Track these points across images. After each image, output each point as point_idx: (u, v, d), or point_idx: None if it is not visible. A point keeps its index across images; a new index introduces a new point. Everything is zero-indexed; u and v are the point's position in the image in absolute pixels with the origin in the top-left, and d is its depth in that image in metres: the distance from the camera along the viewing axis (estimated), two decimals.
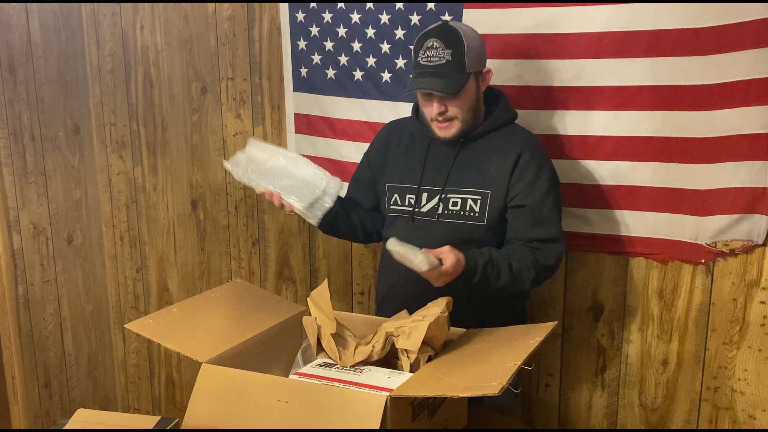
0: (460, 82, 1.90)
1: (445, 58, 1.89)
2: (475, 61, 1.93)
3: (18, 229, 2.88)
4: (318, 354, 1.82)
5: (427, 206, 2.03)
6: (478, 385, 1.48)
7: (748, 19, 1.93)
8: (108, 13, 2.93)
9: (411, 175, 2.07)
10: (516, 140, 2.01)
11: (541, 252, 1.96)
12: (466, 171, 2.01)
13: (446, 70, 1.89)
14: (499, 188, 1.97)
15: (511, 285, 1.93)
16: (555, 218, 1.99)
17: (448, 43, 1.89)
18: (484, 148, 2.01)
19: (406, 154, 2.10)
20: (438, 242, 1.94)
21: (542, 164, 1.99)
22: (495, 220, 1.99)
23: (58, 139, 2.98)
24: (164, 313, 1.97)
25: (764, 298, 2.10)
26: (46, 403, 3.05)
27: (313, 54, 2.53)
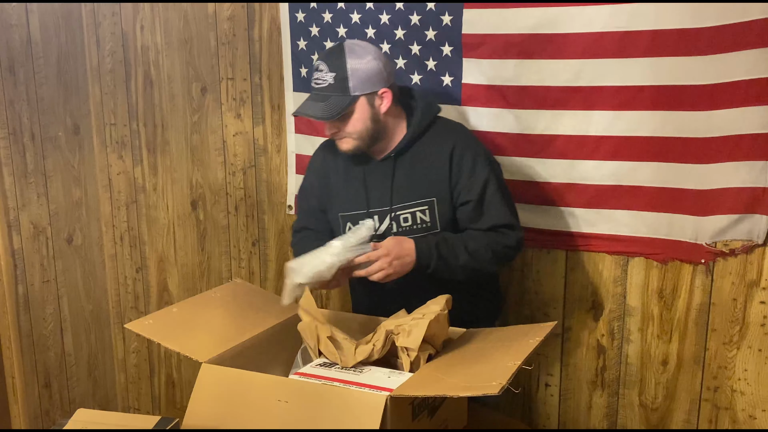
0: (341, 105, 1.91)
1: (327, 81, 1.91)
2: (364, 83, 1.92)
3: (18, 229, 2.88)
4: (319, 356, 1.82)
5: (381, 228, 2.02)
6: (478, 385, 1.48)
7: (748, 19, 1.93)
8: (108, 13, 2.93)
9: (357, 201, 2.05)
10: (445, 139, 2.01)
11: (495, 235, 1.98)
12: (406, 184, 2.00)
13: (328, 93, 1.92)
14: (442, 192, 1.98)
15: (471, 264, 1.95)
16: (500, 203, 1.99)
17: (332, 66, 1.91)
18: (417, 157, 2.01)
19: (346, 179, 2.08)
20: None
21: (475, 154, 1.99)
22: (448, 224, 2.00)
23: (58, 139, 2.98)
24: (164, 313, 1.97)
25: (764, 298, 2.10)
26: (46, 403, 3.05)
27: (313, 54, 2.53)
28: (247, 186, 2.82)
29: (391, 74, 1.99)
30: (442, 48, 2.31)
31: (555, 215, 2.30)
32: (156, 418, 1.71)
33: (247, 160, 2.79)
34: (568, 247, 2.32)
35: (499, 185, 2.00)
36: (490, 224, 1.98)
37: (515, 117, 2.26)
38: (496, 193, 1.99)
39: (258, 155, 2.77)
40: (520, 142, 2.27)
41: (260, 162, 2.77)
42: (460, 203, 1.99)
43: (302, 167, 2.66)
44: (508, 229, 2.00)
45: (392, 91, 1.97)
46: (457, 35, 2.27)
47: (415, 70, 2.37)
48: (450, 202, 1.99)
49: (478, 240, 1.97)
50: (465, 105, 2.32)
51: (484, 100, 2.29)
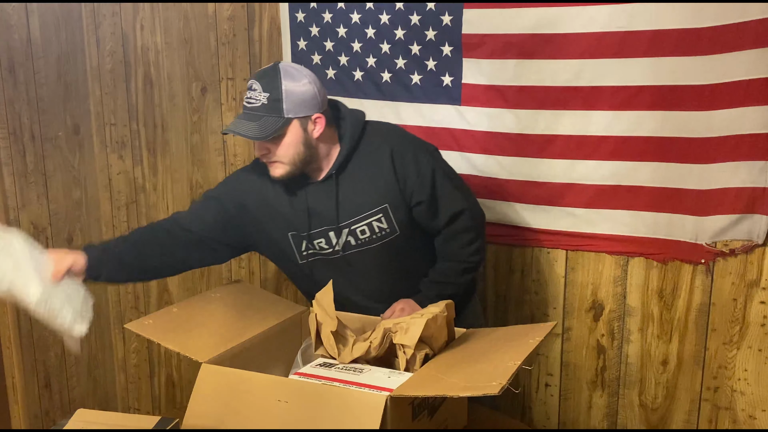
0: (274, 126, 1.86)
1: (261, 101, 1.87)
2: (298, 106, 1.87)
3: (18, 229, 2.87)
4: (317, 348, 1.82)
5: (340, 243, 2.00)
6: (478, 385, 1.48)
7: (748, 19, 1.93)
8: (108, 13, 2.93)
9: (301, 223, 2.00)
10: (380, 144, 1.98)
11: (457, 237, 2.01)
12: (354, 198, 1.97)
13: (260, 113, 1.87)
14: (393, 197, 1.96)
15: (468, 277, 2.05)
16: (450, 192, 1.99)
17: (266, 87, 1.87)
18: (358, 169, 1.97)
19: (290, 200, 2.01)
20: (369, 269, 2.01)
21: (414, 151, 1.98)
22: (406, 225, 1.99)
23: (58, 139, 2.98)
24: (164, 313, 1.97)
25: (764, 298, 2.10)
26: (46, 403, 3.05)
27: (313, 54, 2.53)
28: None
29: (325, 100, 1.93)
30: (442, 48, 2.31)
31: (555, 215, 2.30)
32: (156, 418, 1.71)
33: (248, 159, 2.79)
34: (568, 247, 2.32)
35: (444, 173, 2.00)
36: (447, 217, 1.99)
37: (515, 117, 2.26)
38: (445, 184, 1.98)
39: None
40: (520, 142, 2.27)
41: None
42: (414, 204, 1.97)
43: None
44: (465, 215, 2.01)
45: (325, 116, 1.92)
46: (457, 35, 2.27)
47: (415, 70, 2.37)
48: (403, 204, 1.97)
49: (458, 258, 2.03)
50: (465, 105, 2.32)
51: (484, 100, 2.29)
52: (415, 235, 2.03)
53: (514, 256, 2.41)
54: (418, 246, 2.05)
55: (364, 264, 2.01)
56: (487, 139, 2.31)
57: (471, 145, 2.34)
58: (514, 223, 2.36)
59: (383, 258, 2.01)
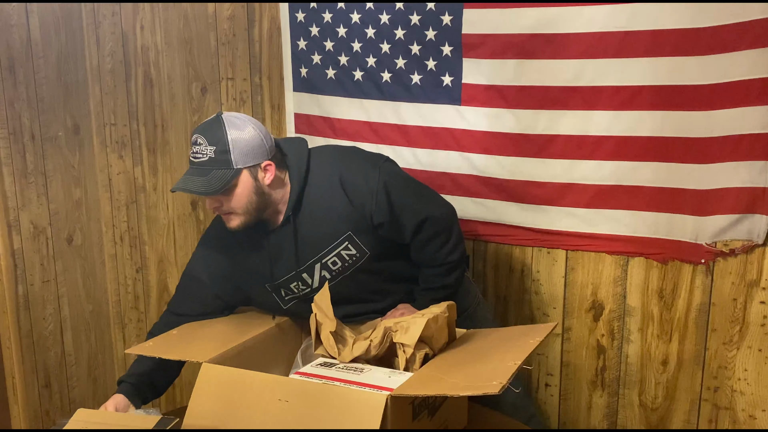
0: (223, 179, 1.82)
1: (208, 155, 1.82)
2: (246, 155, 1.83)
3: (18, 229, 2.88)
4: (317, 348, 1.82)
5: (315, 281, 1.97)
6: (479, 385, 1.48)
7: (747, 19, 1.93)
8: (108, 13, 2.93)
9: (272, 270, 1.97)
10: (328, 173, 1.93)
11: (428, 244, 1.98)
12: (315, 234, 1.93)
13: (208, 167, 1.82)
14: (354, 222, 1.92)
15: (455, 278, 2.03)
16: (410, 203, 1.95)
17: (211, 140, 1.82)
18: (313, 204, 1.93)
19: (255, 251, 1.98)
20: (351, 292, 1.99)
21: (363, 172, 1.92)
22: (375, 243, 1.96)
23: (58, 139, 2.98)
24: (164, 337, 1.93)
25: (764, 298, 2.10)
26: (46, 403, 3.05)
27: (313, 54, 2.53)
28: None
29: (272, 145, 1.89)
30: (442, 48, 2.31)
31: (555, 215, 2.30)
32: (156, 418, 1.71)
33: None
34: (568, 247, 2.32)
35: (397, 186, 1.94)
36: (412, 229, 1.95)
37: (515, 117, 2.26)
38: (401, 197, 1.94)
39: None
40: (520, 142, 2.27)
41: None
42: (377, 224, 1.93)
43: None
44: (429, 222, 1.96)
45: (275, 161, 1.88)
46: (457, 35, 2.27)
47: (415, 70, 2.37)
48: (366, 226, 1.93)
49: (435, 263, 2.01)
50: (465, 105, 2.32)
51: (484, 100, 2.29)
52: (388, 247, 2.00)
53: (514, 256, 2.41)
54: (396, 253, 2.03)
55: (345, 291, 1.97)
56: (487, 139, 2.31)
57: (471, 145, 2.34)
58: (514, 223, 2.36)
59: (364, 279, 1.99)
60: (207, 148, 1.82)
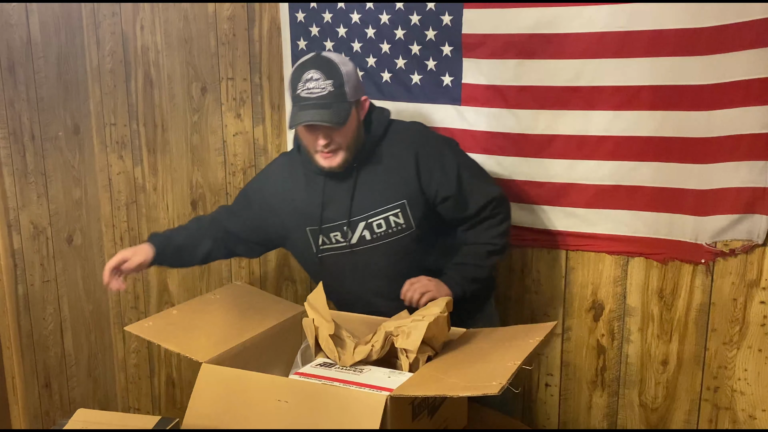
0: (345, 111, 1.86)
1: (327, 88, 1.84)
2: (354, 89, 1.90)
3: (18, 229, 2.87)
4: (317, 354, 1.82)
5: (355, 237, 2.00)
6: (478, 385, 1.48)
7: (748, 19, 1.93)
8: (108, 13, 2.93)
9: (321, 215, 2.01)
10: (404, 140, 2.00)
11: (484, 223, 2.02)
12: (372, 192, 1.98)
13: (329, 100, 1.84)
14: (412, 193, 1.97)
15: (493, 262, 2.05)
16: (478, 184, 2.02)
17: (328, 74, 1.85)
18: (379, 163, 1.98)
19: (308, 195, 2.03)
20: (378, 263, 2.02)
21: (439, 148, 2.00)
22: (423, 221, 2.00)
23: (58, 139, 2.98)
24: (164, 316, 1.97)
25: (764, 298, 2.10)
26: (46, 403, 3.05)
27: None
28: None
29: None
30: (442, 48, 2.31)
31: (555, 215, 2.30)
32: (156, 418, 1.71)
33: (247, 160, 2.79)
34: (568, 247, 2.32)
35: (469, 169, 2.02)
36: (476, 208, 2.01)
37: (515, 117, 2.26)
38: (471, 179, 2.01)
39: (258, 155, 2.77)
40: (520, 142, 2.27)
41: (260, 162, 2.77)
42: (441, 200, 1.99)
43: None
44: (493, 204, 2.02)
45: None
46: (457, 35, 2.27)
47: (415, 70, 2.37)
48: (422, 201, 1.98)
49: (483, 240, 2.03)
50: (465, 105, 2.32)
51: (484, 100, 2.29)
52: (430, 233, 2.03)
53: (514, 256, 2.41)
54: (431, 246, 2.05)
55: (377, 260, 2.01)
56: (487, 139, 2.31)
57: (471, 145, 2.34)
58: (514, 223, 2.35)
59: (396, 255, 2.01)
60: (325, 82, 1.85)
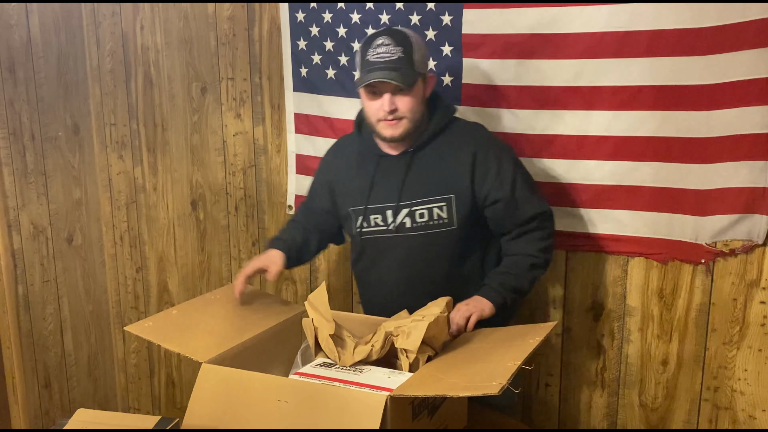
0: (412, 77, 1.90)
1: (397, 54, 1.89)
2: (422, 62, 1.94)
3: (18, 229, 2.88)
4: (316, 354, 1.82)
5: (393, 223, 2.01)
6: (478, 385, 1.48)
7: (748, 19, 1.93)
8: (108, 13, 2.93)
9: (360, 196, 2.05)
10: (465, 137, 2.02)
11: (529, 234, 2.00)
12: (423, 180, 1.99)
13: (398, 64, 1.89)
14: (462, 190, 1.97)
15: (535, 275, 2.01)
16: (529, 196, 2.01)
17: (398, 42, 1.90)
18: (435, 153, 2.00)
19: (358, 175, 2.07)
20: (414, 254, 2.01)
21: (499, 153, 2.00)
22: (465, 221, 2.00)
23: (58, 139, 2.98)
24: (164, 316, 1.97)
25: (764, 298, 2.10)
26: (46, 403, 3.05)
27: (313, 54, 2.53)
28: (247, 186, 2.82)
29: None
30: (442, 48, 2.31)
31: (555, 215, 2.29)
32: (156, 418, 1.71)
33: (247, 160, 2.79)
34: (568, 247, 2.31)
35: (524, 179, 2.02)
36: (524, 218, 2.00)
37: (515, 117, 2.26)
38: (525, 188, 2.00)
39: (258, 155, 2.77)
40: (520, 142, 2.27)
41: (260, 162, 2.77)
42: (490, 202, 1.98)
43: (302, 167, 2.67)
44: (541, 218, 2.02)
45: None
46: (457, 35, 2.27)
47: None
48: (470, 200, 1.98)
49: (526, 252, 2.00)
50: (465, 105, 2.32)
51: (484, 100, 2.29)
52: (469, 238, 2.02)
53: None
54: (468, 252, 2.04)
55: (412, 250, 2.01)
56: None
57: None
58: None
59: (432, 249, 2.01)
60: (395, 48, 1.89)
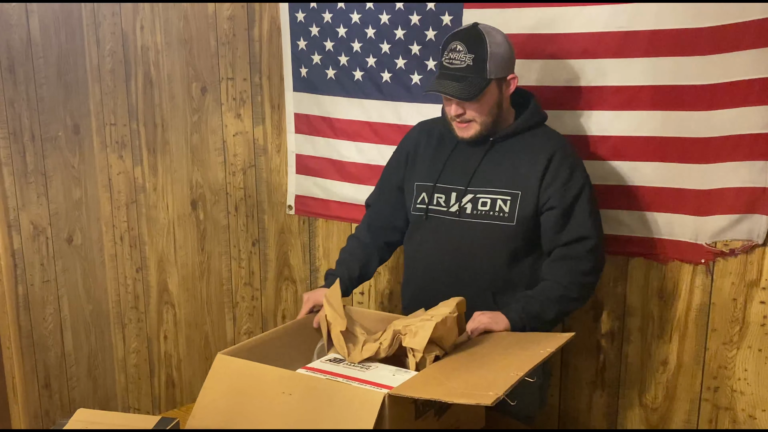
0: (478, 87, 1.90)
1: (466, 62, 1.89)
2: (499, 67, 1.92)
3: (18, 229, 2.88)
4: (329, 349, 1.84)
5: (455, 206, 2.01)
6: (474, 393, 1.47)
7: (748, 19, 1.93)
8: (108, 13, 2.93)
9: (431, 173, 2.06)
10: (546, 141, 2.00)
11: (571, 259, 1.95)
12: (495, 171, 1.99)
13: (466, 73, 1.90)
14: (529, 189, 1.96)
15: (564, 308, 1.97)
16: (585, 217, 1.96)
17: (471, 48, 1.89)
18: (513, 148, 2.00)
19: (434, 153, 2.09)
20: (467, 242, 1.99)
21: (574, 165, 1.98)
22: (525, 221, 1.96)
23: (58, 139, 2.98)
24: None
25: (764, 298, 2.10)
26: (46, 403, 3.05)
27: (313, 54, 2.54)
28: (247, 186, 2.82)
29: (515, 60, 2.00)
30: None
31: None
32: (156, 418, 1.71)
33: (247, 160, 2.79)
34: None
35: (589, 199, 1.98)
36: (569, 238, 1.95)
37: None
38: (586, 206, 1.96)
39: (258, 155, 2.77)
40: None
41: (260, 162, 2.77)
42: (547, 208, 1.95)
43: (302, 167, 2.67)
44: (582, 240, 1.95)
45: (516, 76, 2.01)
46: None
47: (415, 70, 2.37)
48: (534, 201, 1.96)
49: (561, 281, 1.95)
50: None
51: None
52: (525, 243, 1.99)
53: None
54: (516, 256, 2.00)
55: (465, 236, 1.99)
56: None
57: None
58: None
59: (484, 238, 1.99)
60: (466, 55, 1.90)
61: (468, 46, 1.90)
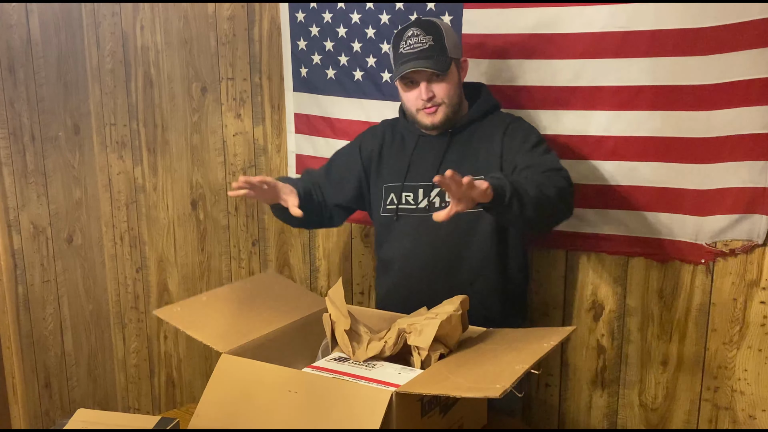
0: (445, 63, 1.94)
1: (428, 42, 1.94)
2: (454, 48, 1.98)
3: (18, 229, 2.88)
4: (333, 348, 1.85)
5: (424, 201, 2.04)
6: (482, 387, 1.48)
7: (748, 19, 1.93)
8: (108, 13, 2.93)
9: (398, 174, 2.08)
10: (501, 122, 2.05)
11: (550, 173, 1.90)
12: (458, 161, 2.01)
13: (430, 53, 1.93)
14: (492, 168, 1.98)
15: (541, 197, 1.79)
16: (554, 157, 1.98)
17: (428, 31, 1.94)
18: (472, 137, 2.04)
19: (398, 153, 2.11)
20: (441, 235, 2.00)
21: (529, 128, 2.04)
22: None
23: (58, 139, 2.98)
24: (192, 302, 1.99)
25: (764, 298, 2.10)
26: (46, 403, 3.05)
27: (313, 54, 2.54)
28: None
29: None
30: None
31: None
32: (156, 418, 1.72)
33: (247, 160, 2.79)
34: (568, 247, 2.32)
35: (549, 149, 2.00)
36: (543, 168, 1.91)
37: None
38: (548, 150, 2.00)
39: (258, 155, 2.77)
40: None
41: (260, 162, 2.77)
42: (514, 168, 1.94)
43: (302, 167, 2.67)
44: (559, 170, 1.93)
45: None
46: (458, 35, 2.27)
47: None
48: None
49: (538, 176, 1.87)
50: None
51: None
52: (495, 230, 2.01)
53: None
54: (486, 248, 2.02)
55: (440, 228, 1.92)
56: None
57: None
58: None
59: (459, 228, 1.99)
60: (425, 37, 1.94)
61: (424, 30, 1.95)
